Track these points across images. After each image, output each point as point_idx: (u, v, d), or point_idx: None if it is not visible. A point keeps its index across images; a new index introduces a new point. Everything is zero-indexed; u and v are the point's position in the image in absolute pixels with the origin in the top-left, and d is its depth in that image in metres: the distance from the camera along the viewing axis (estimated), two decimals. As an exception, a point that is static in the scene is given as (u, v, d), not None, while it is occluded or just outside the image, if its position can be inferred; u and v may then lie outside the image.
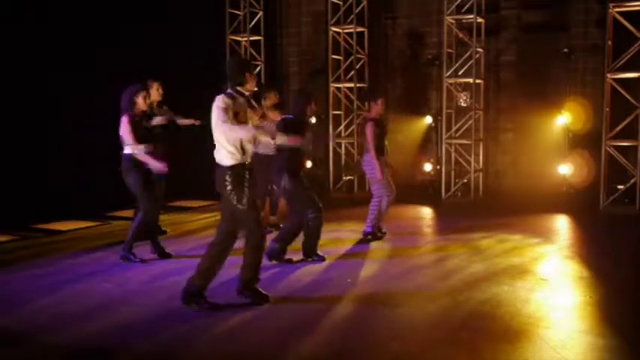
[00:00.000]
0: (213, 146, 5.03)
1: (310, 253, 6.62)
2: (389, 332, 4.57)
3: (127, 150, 6.47)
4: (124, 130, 6.40)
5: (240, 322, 4.81)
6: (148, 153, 6.49)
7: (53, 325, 4.77)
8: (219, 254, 5.08)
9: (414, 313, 5.01)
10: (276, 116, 7.31)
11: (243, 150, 4.95)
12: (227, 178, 4.93)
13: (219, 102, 4.92)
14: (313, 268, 6.37)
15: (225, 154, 4.94)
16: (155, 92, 7.60)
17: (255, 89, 5.19)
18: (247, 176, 4.96)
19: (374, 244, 7.50)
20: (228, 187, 4.93)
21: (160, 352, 4.30)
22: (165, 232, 8.01)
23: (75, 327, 4.73)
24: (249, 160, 5.02)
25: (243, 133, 4.90)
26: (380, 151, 7.53)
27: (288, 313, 5.03)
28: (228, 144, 4.92)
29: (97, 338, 4.51)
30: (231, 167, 4.93)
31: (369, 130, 7.46)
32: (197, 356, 4.23)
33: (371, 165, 7.49)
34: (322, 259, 6.62)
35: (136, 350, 4.33)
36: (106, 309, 5.12)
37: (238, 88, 5.04)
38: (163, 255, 6.81)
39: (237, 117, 4.91)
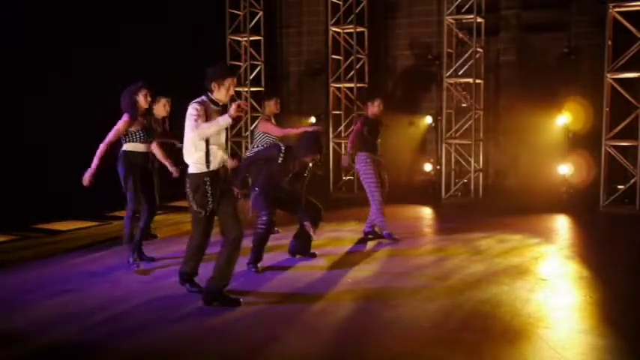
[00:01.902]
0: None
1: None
2: (389, 332, 4.57)
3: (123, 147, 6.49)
4: (117, 125, 6.35)
5: (240, 321, 4.80)
6: (145, 153, 6.53)
7: (53, 325, 4.77)
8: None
9: (414, 313, 5.01)
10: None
11: (208, 159, 4.97)
12: (187, 184, 5.05)
13: (191, 110, 4.95)
14: (313, 268, 6.37)
15: (191, 162, 5.03)
16: (161, 107, 7.58)
17: (224, 101, 5.10)
18: (208, 183, 4.99)
19: (374, 244, 7.51)
20: (188, 192, 5.06)
21: (160, 351, 4.30)
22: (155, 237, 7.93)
23: (75, 327, 4.72)
24: (215, 167, 5.03)
25: (213, 127, 4.91)
26: (373, 149, 7.59)
27: (288, 312, 5.02)
28: (195, 153, 4.97)
29: (97, 338, 4.51)
30: (194, 175, 5.01)
31: (356, 127, 7.59)
32: (197, 355, 4.22)
33: (362, 163, 7.54)
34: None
35: (136, 350, 4.32)
36: (106, 309, 5.12)
37: (209, 95, 5.05)
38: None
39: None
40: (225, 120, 4.89)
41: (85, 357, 4.26)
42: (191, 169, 5.05)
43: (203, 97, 5.06)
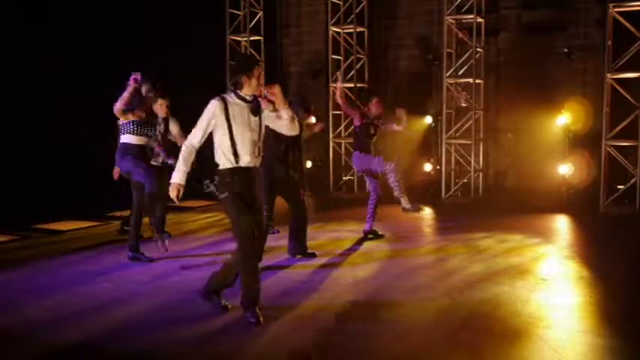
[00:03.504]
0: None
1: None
2: (389, 332, 4.57)
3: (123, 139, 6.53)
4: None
5: (239, 322, 4.80)
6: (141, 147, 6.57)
7: (53, 325, 4.77)
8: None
9: (414, 313, 5.01)
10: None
11: (236, 155, 4.64)
12: (215, 178, 4.77)
13: (208, 106, 4.66)
14: (313, 268, 6.37)
15: (217, 157, 4.75)
16: (159, 108, 7.56)
17: (255, 94, 4.72)
18: (228, 180, 4.65)
19: (374, 244, 7.51)
20: (215, 187, 4.79)
21: (160, 351, 4.30)
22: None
23: (75, 327, 4.72)
24: (243, 164, 4.67)
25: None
26: (366, 149, 7.62)
27: (288, 313, 5.02)
28: (217, 148, 4.70)
29: (97, 338, 4.50)
30: (219, 171, 4.73)
31: (355, 122, 7.68)
32: (196, 356, 4.22)
33: (358, 159, 7.67)
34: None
35: (136, 350, 4.32)
36: (106, 309, 5.12)
37: (238, 92, 4.71)
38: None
39: (235, 121, 4.62)
40: None
41: (85, 357, 4.25)
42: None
43: (226, 95, 4.73)
